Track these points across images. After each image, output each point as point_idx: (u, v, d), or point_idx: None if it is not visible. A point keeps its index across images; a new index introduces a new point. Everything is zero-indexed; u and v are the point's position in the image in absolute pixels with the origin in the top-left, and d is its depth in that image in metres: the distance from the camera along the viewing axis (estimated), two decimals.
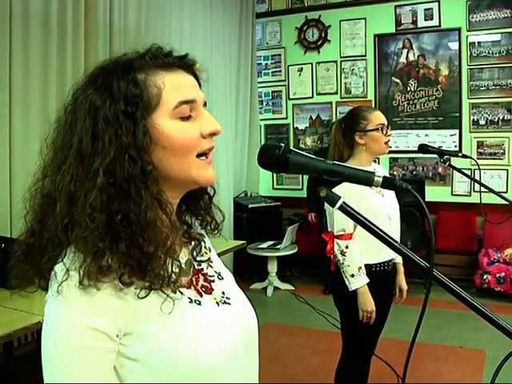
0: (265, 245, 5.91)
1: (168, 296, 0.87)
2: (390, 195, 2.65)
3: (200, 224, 1.06)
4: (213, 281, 1.00)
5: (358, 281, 2.50)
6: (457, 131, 5.94)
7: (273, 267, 5.83)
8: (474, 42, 5.76)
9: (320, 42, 6.54)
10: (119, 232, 0.83)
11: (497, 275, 5.16)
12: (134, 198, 0.84)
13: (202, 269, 1.00)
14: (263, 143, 1.15)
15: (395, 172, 6.23)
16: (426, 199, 5.64)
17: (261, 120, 6.92)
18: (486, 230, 5.68)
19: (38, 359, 0.84)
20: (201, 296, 0.94)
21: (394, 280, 2.77)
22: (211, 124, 0.93)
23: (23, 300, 0.97)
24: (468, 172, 3.08)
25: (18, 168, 3.53)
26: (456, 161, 2.55)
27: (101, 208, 0.82)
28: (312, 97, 6.66)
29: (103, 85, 0.87)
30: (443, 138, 6.00)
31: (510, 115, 5.71)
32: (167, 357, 0.84)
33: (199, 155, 0.91)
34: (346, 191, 2.36)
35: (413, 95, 6.11)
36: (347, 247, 2.51)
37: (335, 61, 6.47)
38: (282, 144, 0.94)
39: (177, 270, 0.90)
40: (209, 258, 1.04)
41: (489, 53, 5.72)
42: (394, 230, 2.64)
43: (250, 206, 6.18)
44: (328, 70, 6.53)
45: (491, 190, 2.43)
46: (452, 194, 6.02)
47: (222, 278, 1.03)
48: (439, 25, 5.92)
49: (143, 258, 0.84)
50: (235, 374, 0.93)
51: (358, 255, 2.51)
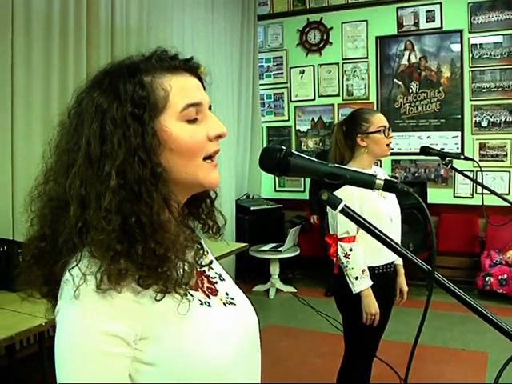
0: (267, 247, 5.91)
1: (183, 297, 0.87)
2: (391, 197, 2.65)
3: (202, 228, 1.05)
4: (216, 282, 1.01)
5: (362, 283, 2.49)
6: (459, 133, 5.93)
7: (275, 269, 5.83)
8: (476, 44, 5.76)
9: (322, 44, 6.54)
10: (134, 234, 0.83)
11: (499, 277, 5.15)
12: (146, 201, 0.84)
13: (204, 271, 1.01)
14: (265, 146, 1.15)
15: (397, 174, 6.23)
16: (428, 201, 5.64)
17: (263, 122, 6.93)
18: (489, 232, 5.67)
19: (40, 362, 0.84)
20: (208, 298, 0.95)
21: (396, 282, 2.77)
22: (217, 127, 0.93)
23: (26, 302, 0.96)
24: (470, 174, 3.09)
25: (20, 170, 3.52)
26: (458, 163, 2.55)
27: (116, 210, 0.82)
28: (314, 99, 6.66)
29: (109, 87, 0.87)
30: (445, 140, 5.99)
31: None
32: (181, 358, 0.84)
33: (205, 158, 0.91)
34: (349, 194, 2.38)
35: (415, 97, 6.11)
36: (351, 250, 2.50)
37: (337, 63, 6.48)
38: (284, 147, 0.94)
39: (188, 271, 0.90)
40: (211, 261, 1.04)
41: (491, 55, 5.71)
42: (396, 232, 2.64)
43: (252, 209, 6.17)
44: (330, 72, 6.54)
45: (493, 192, 2.43)
46: (454, 196, 6.01)
47: (224, 280, 1.04)
48: (441, 27, 5.92)
49: (156, 261, 0.84)
50: (242, 373, 0.94)
51: (362, 258, 2.51)
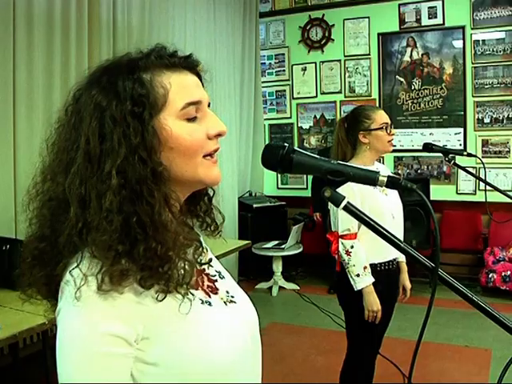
0: (270, 244, 5.91)
1: (184, 297, 0.86)
2: (394, 194, 2.65)
3: (200, 226, 1.05)
4: (216, 280, 1.00)
5: (364, 280, 2.49)
6: (461, 130, 5.92)
7: (278, 267, 5.83)
8: (479, 40, 5.74)
9: (324, 41, 6.53)
10: (136, 234, 0.82)
11: (502, 274, 5.14)
12: (147, 200, 0.83)
13: (204, 269, 1.00)
14: (267, 143, 1.14)
15: (400, 171, 6.22)
16: (431, 198, 5.64)
17: (265, 119, 6.92)
18: (492, 229, 5.65)
19: (43, 360, 0.83)
20: (209, 297, 0.94)
21: (398, 279, 2.76)
22: (217, 125, 0.92)
23: (32, 300, 0.95)
24: (473, 170, 3.07)
25: (23, 169, 3.52)
26: (461, 159, 2.54)
27: (117, 210, 0.81)
28: (316, 96, 6.65)
29: (108, 84, 0.86)
30: (448, 137, 5.98)
31: None
32: (183, 358, 0.84)
33: (205, 156, 0.91)
34: (351, 191, 2.38)
35: (417, 94, 6.09)
36: (352, 247, 2.50)
37: (339, 60, 6.47)
38: (286, 144, 0.94)
39: (189, 270, 0.89)
40: (210, 259, 1.04)
41: (493, 51, 5.69)
42: (398, 229, 2.64)
43: (255, 206, 6.17)
44: (332, 69, 6.52)
45: (496, 189, 2.43)
46: (457, 193, 6.00)
47: (223, 277, 1.03)
48: (443, 23, 5.90)
49: (157, 260, 0.83)
50: (245, 372, 0.94)
51: (364, 255, 2.51)
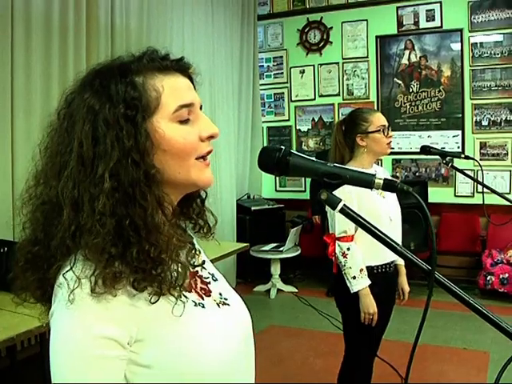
0: (268, 247, 5.91)
1: (177, 299, 0.87)
2: (392, 197, 2.64)
3: (193, 228, 1.05)
4: (209, 283, 1.00)
5: (360, 283, 2.49)
6: (459, 132, 5.93)
7: (276, 269, 5.83)
8: (476, 43, 5.76)
9: (322, 44, 6.54)
10: (129, 237, 0.82)
11: (500, 276, 5.14)
12: (140, 203, 0.84)
13: (197, 271, 1.00)
14: (264, 146, 1.14)
15: (398, 173, 6.22)
16: (429, 200, 5.65)
17: (263, 122, 6.92)
18: (490, 231, 5.66)
19: (41, 363, 0.83)
20: (202, 299, 0.95)
21: (396, 282, 2.76)
22: (209, 127, 0.93)
23: (26, 304, 0.95)
24: (471, 173, 3.07)
25: (20, 172, 3.51)
26: (459, 162, 2.55)
27: (110, 213, 0.81)
28: (314, 99, 6.66)
29: (101, 88, 0.86)
30: (446, 139, 5.99)
31: None
32: (179, 360, 0.84)
33: (198, 158, 0.91)
34: (347, 193, 2.38)
35: (415, 96, 6.10)
36: (349, 249, 2.50)
37: (337, 62, 6.47)
38: (283, 146, 0.94)
39: (182, 272, 0.89)
40: (203, 261, 1.04)
41: (491, 53, 5.71)
42: (396, 232, 2.64)
43: (253, 209, 6.17)
44: (330, 72, 6.53)
45: (494, 191, 2.43)
46: (455, 195, 6.00)
47: (216, 280, 1.03)
48: (441, 26, 5.91)
49: (150, 263, 0.84)
50: (239, 372, 0.94)
51: (360, 257, 2.51)
